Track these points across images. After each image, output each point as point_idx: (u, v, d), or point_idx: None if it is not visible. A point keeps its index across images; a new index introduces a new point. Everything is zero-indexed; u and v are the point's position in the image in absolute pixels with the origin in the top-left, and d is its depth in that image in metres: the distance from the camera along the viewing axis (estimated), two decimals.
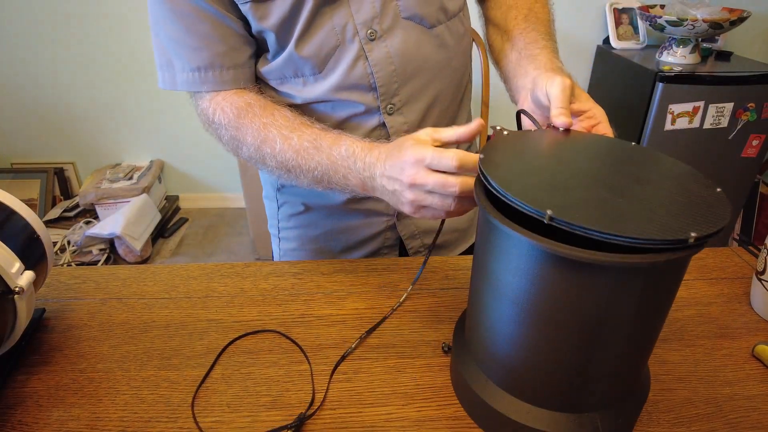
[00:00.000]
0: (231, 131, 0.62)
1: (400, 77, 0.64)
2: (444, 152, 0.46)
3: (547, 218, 0.33)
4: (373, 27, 0.60)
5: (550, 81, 0.52)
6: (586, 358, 0.39)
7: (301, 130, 0.59)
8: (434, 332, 0.58)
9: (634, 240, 0.32)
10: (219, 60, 0.61)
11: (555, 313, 0.38)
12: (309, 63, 0.62)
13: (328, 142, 0.57)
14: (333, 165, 0.56)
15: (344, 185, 0.57)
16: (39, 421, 0.48)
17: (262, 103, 0.62)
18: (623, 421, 0.44)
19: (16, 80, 2.24)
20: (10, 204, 0.55)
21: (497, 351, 0.43)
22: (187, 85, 0.62)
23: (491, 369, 0.45)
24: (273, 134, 0.59)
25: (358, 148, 0.54)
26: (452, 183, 0.46)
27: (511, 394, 0.44)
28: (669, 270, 0.37)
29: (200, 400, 0.50)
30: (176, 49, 0.61)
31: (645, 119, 1.74)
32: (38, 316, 0.60)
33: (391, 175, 0.50)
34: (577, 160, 0.42)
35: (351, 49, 0.61)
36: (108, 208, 2.22)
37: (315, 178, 0.58)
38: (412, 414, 0.48)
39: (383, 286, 0.66)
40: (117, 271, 0.69)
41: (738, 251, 0.73)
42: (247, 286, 0.66)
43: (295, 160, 0.58)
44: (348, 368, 0.53)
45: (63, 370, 0.53)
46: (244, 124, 0.61)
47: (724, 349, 0.56)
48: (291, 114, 0.61)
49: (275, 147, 0.59)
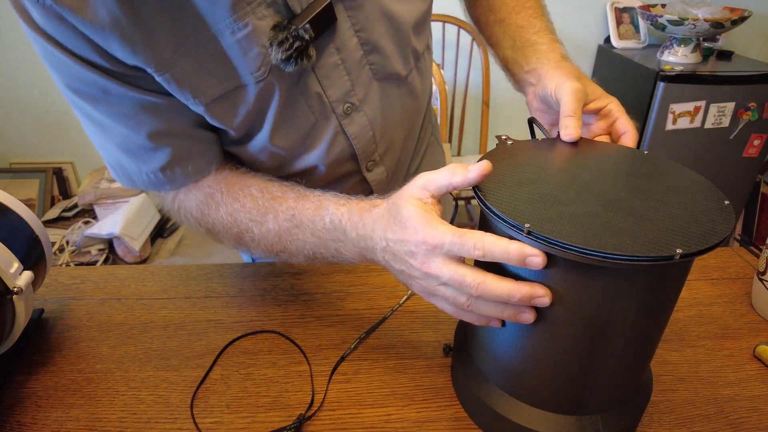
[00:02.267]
0: (202, 230, 0.56)
1: (377, 138, 0.61)
2: (466, 239, 0.37)
3: (525, 231, 0.34)
4: (348, 101, 0.55)
5: (560, 85, 0.50)
6: (587, 360, 0.39)
7: (274, 208, 0.51)
8: (434, 333, 0.58)
9: (613, 256, 0.32)
10: (181, 153, 0.51)
11: (556, 315, 0.37)
12: (285, 149, 0.56)
13: (309, 216, 0.49)
14: (321, 241, 0.49)
15: (340, 259, 0.49)
16: (38, 422, 0.47)
17: (224, 187, 0.54)
18: (625, 423, 0.43)
19: (14, 80, 2.24)
20: (8, 204, 0.54)
21: (498, 353, 0.43)
22: (148, 186, 0.53)
23: (492, 371, 0.45)
24: (245, 224, 0.52)
25: (344, 217, 0.46)
26: (469, 283, 0.37)
27: (512, 395, 0.44)
28: (670, 275, 0.36)
29: (199, 400, 0.50)
30: (125, 154, 0.51)
31: (646, 119, 1.74)
32: (37, 316, 0.60)
33: (398, 254, 0.42)
34: (577, 172, 0.42)
35: (328, 126, 0.56)
36: (107, 208, 2.22)
37: (308, 257, 0.51)
38: (411, 415, 0.48)
39: (383, 286, 0.65)
40: (116, 272, 0.69)
41: (739, 251, 0.73)
42: (247, 286, 0.66)
43: (279, 244, 0.52)
44: (347, 369, 0.53)
45: (62, 371, 0.53)
46: (211, 220, 0.54)
47: (725, 350, 0.56)
48: (257, 189, 0.53)
49: (253, 236, 0.52)
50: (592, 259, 0.32)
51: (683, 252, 0.32)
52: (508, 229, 0.35)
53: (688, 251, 0.32)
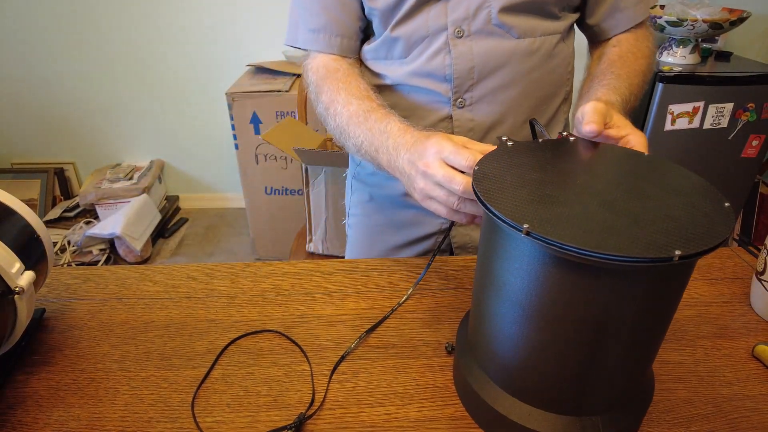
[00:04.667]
0: (314, 89, 0.71)
1: (477, 75, 0.67)
2: (463, 151, 0.47)
3: (524, 232, 0.34)
4: (462, 27, 0.65)
5: (584, 105, 0.52)
6: (588, 360, 0.39)
7: (362, 100, 0.64)
8: (434, 332, 0.58)
9: (611, 257, 0.32)
10: (332, 26, 0.70)
11: (557, 315, 0.38)
12: (398, 46, 0.69)
13: (376, 116, 0.61)
14: (372, 138, 0.60)
15: (377, 160, 0.60)
16: (39, 421, 0.48)
17: (348, 71, 0.69)
18: (626, 425, 0.44)
19: (16, 80, 2.24)
20: (10, 204, 0.55)
21: (500, 352, 0.43)
22: (305, 43, 0.72)
23: (493, 370, 0.45)
24: (341, 97, 0.66)
25: (395, 128, 0.58)
26: (458, 181, 0.47)
27: (513, 395, 0.44)
28: (670, 276, 0.36)
29: (200, 400, 0.50)
30: (302, 12, 0.72)
31: (645, 119, 1.74)
32: (38, 316, 0.60)
33: (411, 160, 0.52)
34: (577, 173, 0.42)
35: (437, 41, 0.66)
36: (108, 208, 2.22)
37: (356, 146, 0.63)
38: (411, 414, 0.48)
39: (383, 286, 0.66)
40: (117, 271, 0.69)
41: (738, 251, 0.73)
42: (247, 286, 0.66)
43: (346, 125, 0.64)
44: (348, 368, 0.53)
45: (63, 370, 0.53)
46: (325, 84, 0.69)
47: (724, 350, 0.56)
48: (365, 86, 0.67)
49: (337, 108, 0.65)
50: (590, 260, 0.32)
51: (682, 254, 0.32)
52: (507, 228, 0.36)
53: (687, 253, 0.32)
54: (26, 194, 2.34)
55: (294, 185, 2.00)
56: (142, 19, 2.14)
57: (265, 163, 1.96)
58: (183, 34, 2.17)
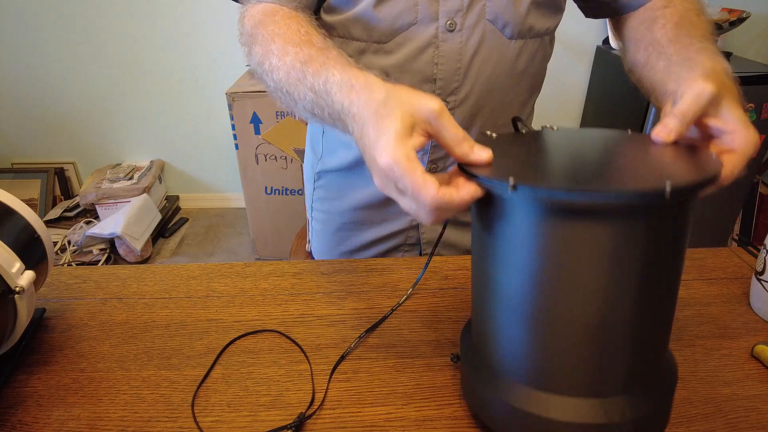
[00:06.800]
0: (246, 39, 0.56)
1: (463, 77, 0.63)
2: (422, 190, 0.36)
3: (510, 186, 0.33)
4: (454, 19, 0.60)
5: (690, 84, 0.43)
6: (601, 327, 0.37)
7: (300, 46, 0.50)
8: (434, 332, 0.58)
9: (604, 195, 0.31)
10: None
11: (563, 279, 0.36)
12: (378, 28, 0.60)
13: (314, 69, 0.47)
14: (317, 100, 0.47)
15: (334, 125, 0.47)
16: (39, 421, 0.48)
17: (290, 14, 0.55)
18: (653, 407, 0.41)
19: (16, 80, 2.25)
20: (10, 204, 0.55)
21: (509, 339, 0.41)
22: None
23: (505, 362, 0.42)
24: (276, 46, 0.51)
25: (335, 86, 0.44)
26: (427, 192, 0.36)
27: (529, 385, 0.41)
28: (668, 216, 0.35)
29: (200, 399, 0.50)
30: None
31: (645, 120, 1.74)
32: (38, 315, 0.60)
33: (364, 152, 0.41)
34: (564, 149, 0.41)
35: (425, 32, 0.60)
36: (108, 208, 2.22)
37: (308, 111, 0.49)
38: (411, 414, 0.48)
39: (383, 286, 0.66)
40: (117, 271, 0.70)
41: (737, 251, 0.73)
42: (247, 286, 0.66)
43: (287, 83, 0.50)
44: (348, 368, 0.53)
45: (63, 370, 0.53)
46: (259, 31, 0.54)
47: (723, 350, 0.56)
48: (307, 28, 0.52)
49: (272, 62, 0.51)
50: (583, 204, 0.31)
51: (674, 185, 0.31)
52: (492, 188, 0.35)
53: (680, 185, 0.31)
54: (26, 194, 2.34)
55: (294, 185, 2.00)
56: (142, 19, 2.14)
57: (265, 163, 1.96)
58: (183, 34, 2.17)
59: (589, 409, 0.39)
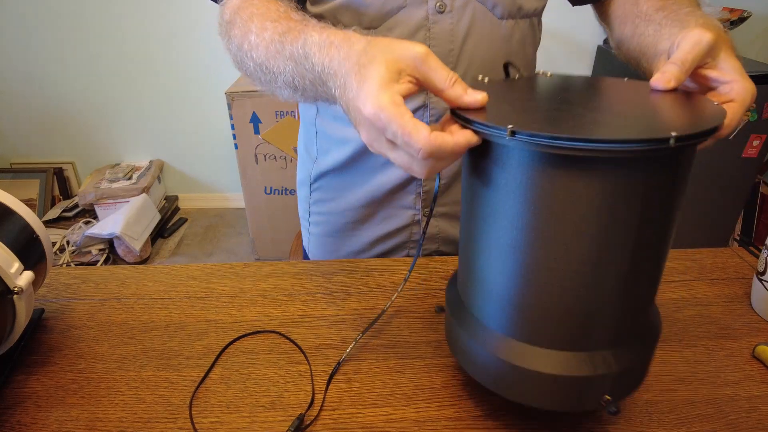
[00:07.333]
0: (224, 29, 0.54)
1: (456, 58, 0.62)
2: (413, 134, 0.35)
3: (508, 132, 0.32)
4: (443, 0, 0.59)
5: (686, 34, 0.42)
6: (592, 279, 0.36)
7: (278, 21, 0.48)
8: (434, 333, 0.58)
9: (605, 144, 0.30)
10: None
11: (556, 228, 0.35)
12: (368, 13, 0.58)
13: (292, 36, 0.45)
14: (297, 68, 0.45)
15: (319, 97, 0.46)
16: (38, 422, 0.47)
17: (268, 0, 0.53)
18: (638, 360, 0.40)
19: (15, 80, 2.24)
20: (9, 204, 0.54)
21: (495, 288, 0.40)
22: None
23: (490, 313, 0.41)
24: (254, 25, 0.49)
25: (314, 47, 0.42)
26: (421, 136, 0.35)
27: (514, 338, 0.40)
28: (669, 165, 0.34)
29: (199, 400, 0.50)
30: None
31: None
32: (37, 316, 0.60)
33: (349, 110, 0.40)
34: (560, 93, 0.40)
35: (415, 15, 0.59)
36: (107, 208, 2.22)
37: (288, 84, 0.47)
38: (411, 415, 0.48)
39: (383, 286, 0.65)
40: (116, 272, 0.69)
41: (738, 251, 0.73)
42: (247, 286, 0.66)
43: (266, 59, 0.48)
44: (347, 369, 0.53)
45: (62, 371, 0.53)
46: (237, 16, 0.52)
47: (724, 350, 0.56)
48: (286, 7, 0.51)
49: (251, 40, 0.49)
50: (583, 150, 0.30)
51: (678, 135, 0.30)
52: (488, 135, 0.34)
53: (684, 134, 0.31)
54: (25, 194, 2.34)
55: (294, 185, 2.00)
56: (141, 19, 2.14)
57: (265, 162, 1.96)
58: (182, 33, 2.17)
59: (576, 362, 0.39)
